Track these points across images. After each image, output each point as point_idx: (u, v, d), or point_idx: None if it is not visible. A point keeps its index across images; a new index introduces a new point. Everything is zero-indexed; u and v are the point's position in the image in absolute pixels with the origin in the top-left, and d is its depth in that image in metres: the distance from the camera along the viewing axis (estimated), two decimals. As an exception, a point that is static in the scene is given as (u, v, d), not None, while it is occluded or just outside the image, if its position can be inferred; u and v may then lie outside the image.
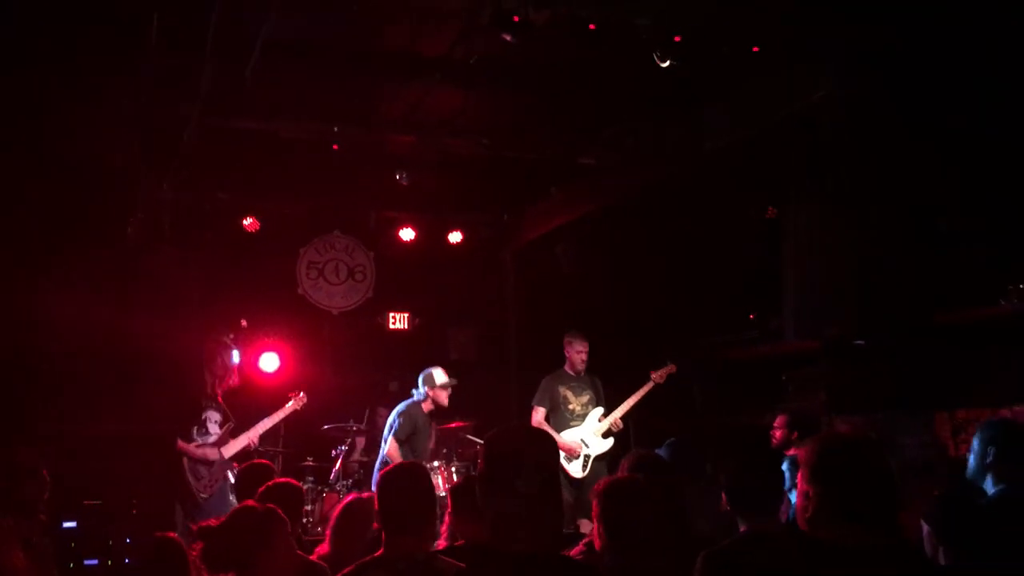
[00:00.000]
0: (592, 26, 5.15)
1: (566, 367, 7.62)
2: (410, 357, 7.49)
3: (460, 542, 3.74)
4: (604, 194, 8.33)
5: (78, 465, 5.75)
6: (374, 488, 3.79)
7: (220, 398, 6.57)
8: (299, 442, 8.02)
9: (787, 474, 3.73)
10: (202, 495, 6.20)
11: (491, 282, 10.24)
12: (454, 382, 7.39)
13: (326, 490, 7.75)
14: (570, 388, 7.55)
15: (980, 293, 5.84)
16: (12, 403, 5.85)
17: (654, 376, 7.55)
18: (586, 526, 6.50)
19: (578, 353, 7.56)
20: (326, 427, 7.98)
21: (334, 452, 8.03)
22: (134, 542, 5.54)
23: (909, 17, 5.16)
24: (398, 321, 9.79)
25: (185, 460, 6.25)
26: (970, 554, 3.29)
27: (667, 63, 5.22)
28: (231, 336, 7.00)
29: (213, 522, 3.07)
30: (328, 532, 4.11)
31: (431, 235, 9.71)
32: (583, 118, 7.09)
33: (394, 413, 7.24)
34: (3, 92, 5.60)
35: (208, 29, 5.24)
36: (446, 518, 4.07)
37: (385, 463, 6.81)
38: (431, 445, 7.46)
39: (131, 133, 6.50)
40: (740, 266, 7.70)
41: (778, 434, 6.06)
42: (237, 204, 8.84)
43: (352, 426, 8.09)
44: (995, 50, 5.08)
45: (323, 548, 4.11)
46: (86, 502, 5.72)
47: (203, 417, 6.41)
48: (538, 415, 7.42)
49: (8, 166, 5.94)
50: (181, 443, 6.23)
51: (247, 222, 8.80)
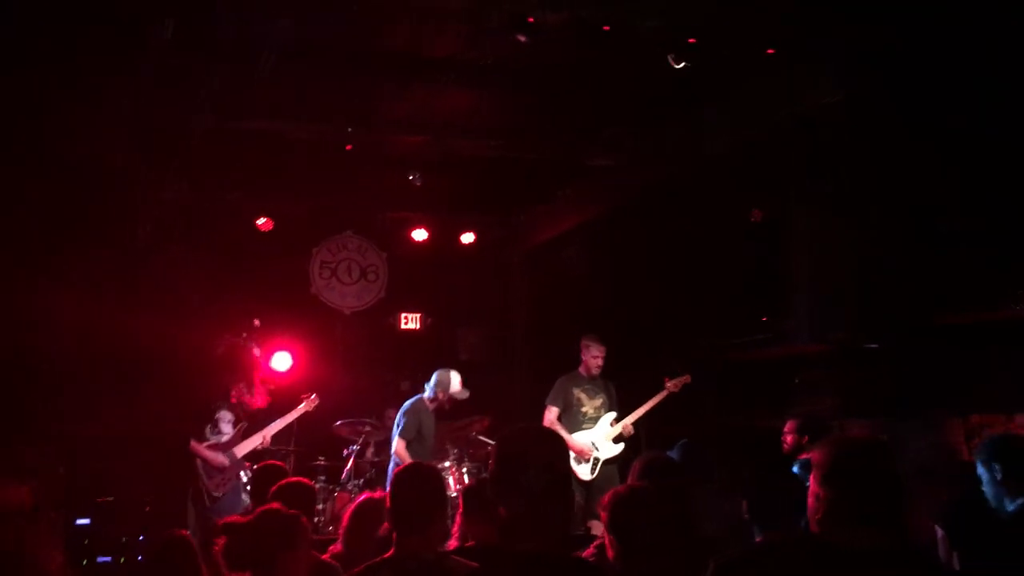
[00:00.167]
0: (606, 27, 5.15)
1: (580, 369, 7.58)
2: (421, 357, 7.50)
3: (471, 543, 3.75)
4: (612, 195, 8.33)
5: (91, 464, 5.80)
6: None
7: (233, 397, 6.60)
8: (311, 441, 8.03)
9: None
10: (215, 493, 6.22)
11: (500, 283, 10.26)
12: (466, 394, 7.29)
13: (338, 489, 7.74)
14: (584, 391, 7.52)
15: (988, 295, 5.81)
16: (25, 403, 5.89)
17: (669, 385, 7.45)
18: (597, 528, 6.48)
19: (594, 358, 7.51)
20: (338, 423, 7.97)
21: (346, 451, 8.03)
22: (146, 540, 5.58)
23: (909, 17, 5.13)
24: (410, 321, 9.80)
25: (198, 459, 6.27)
26: (984, 559, 3.29)
27: (681, 65, 5.22)
28: (244, 335, 7.04)
29: (239, 519, 3.08)
30: (341, 532, 4.12)
31: (443, 236, 9.72)
32: (591, 119, 7.08)
33: (400, 412, 7.22)
34: (6, 93, 5.63)
35: (219, 31, 5.26)
36: (457, 519, 4.07)
37: (396, 463, 6.81)
38: (435, 441, 7.41)
39: (135, 134, 6.53)
40: (749, 268, 7.66)
41: (789, 439, 6.03)
42: (249, 204, 8.87)
43: (364, 426, 8.10)
44: (995, 50, 5.05)
45: (336, 547, 4.13)
46: (99, 500, 5.76)
47: (216, 417, 6.43)
48: (551, 415, 7.38)
49: (12, 167, 5.97)
50: (194, 444, 6.25)
51: (261, 222, 8.84)
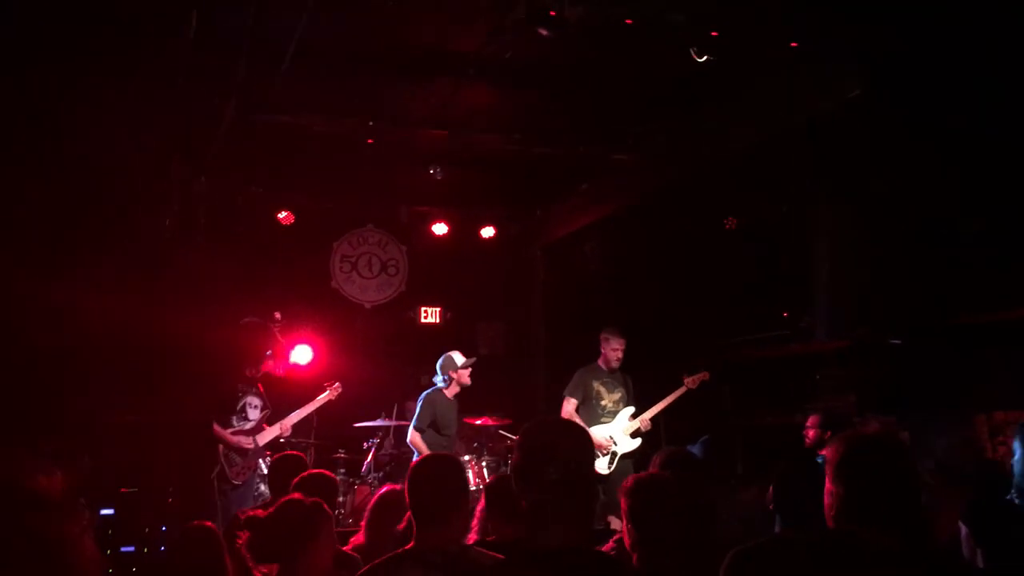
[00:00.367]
0: (629, 21, 5.13)
1: (599, 362, 7.58)
2: (441, 351, 7.48)
3: (491, 538, 3.76)
4: (632, 191, 8.31)
5: (115, 453, 5.85)
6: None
7: (260, 385, 6.62)
8: (331, 434, 8.07)
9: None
10: (235, 481, 6.24)
11: (520, 277, 10.26)
12: (473, 360, 7.38)
13: (358, 482, 7.78)
14: (603, 384, 7.52)
15: (1010, 293, 5.75)
16: (52, 393, 5.95)
17: (687, 381, 7.45)
18: (616, 523, 6.49)
19: (614, 351, 7.51)
20: (356, 426, 8.03)
21: (366, 444, 8.06)
22: (170, 530, 5.62)
23: (921, 18, 5.09)
24: (430, 315, 9.82)
25: (221, 446, 6.30)
26: (1009, 556, 3.26)
27: (704, 58, 5.20)
28: (273, 322, 7.07)
29: (260, 512, 3.09)
30: (363, 523, 4.15)
31: (463, 230, 9.75)
32: (612, 115, 7.07)
33: (417, 404, 7.32)
34: (33, 89, 5.68)
35: (243, 27, 5.29)
36: (476, 513, 4.08)
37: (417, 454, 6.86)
38: (457, 430, 7.44)
39: (165, 129, 6.59)
40: (768, 265, 7.63)
41: (811, 433, 6.04)
42: (271, 198, 8.93)
43: (383, 419, 8.13)
44: (1004, 50, 4.98)
45: (358, 539, 4.16)
46: (123, 490, 5.81)
47: (243, 402, 6.45)
48: (569, 406, 7.38)
49: (44, 162, 6.03)
50: (218, 429, 6.27)
51: (282, 215, 8.89)
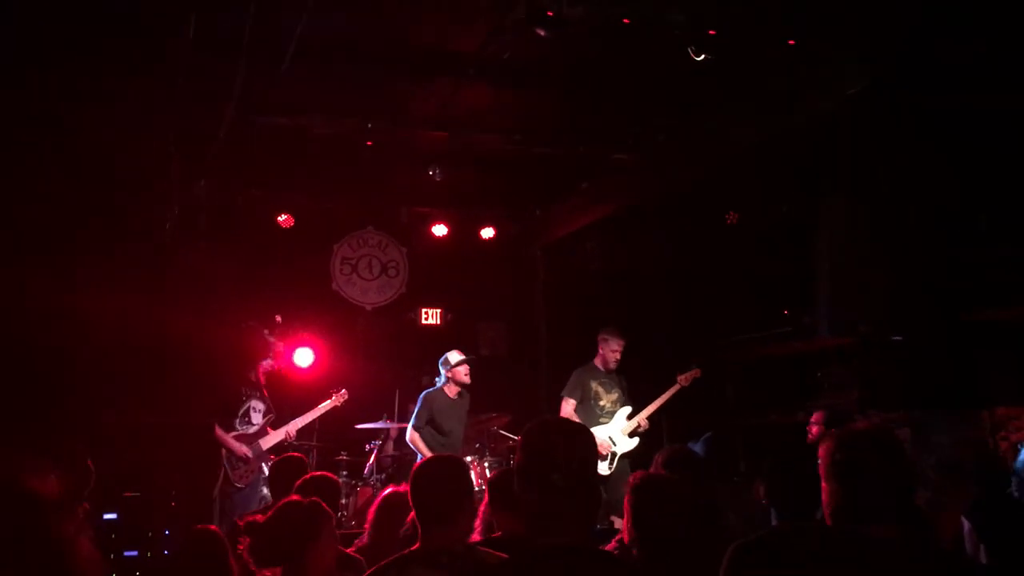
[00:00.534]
0: (626, 20, 5.13)
1: (596, 362, 7.58)
2: (442, 352, 7.48)
3: (497, 534, 3.76)
4: (633, 191, 8.30)
5: (118, 457, 5.84)
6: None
7: (264, 389, 6.62)
8: (333, 437, 8.07)
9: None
10: (237, 484, 6.24)
11: (521, 277, 10.25)
12: (467, 358, 7.36)
13: (360, 484, 7.78)
14: (601, 384, 7.52)
15: (1015, 290, 5.75)
16: (54, 395, 5.95)
17: (680, 379, 7.50)
18: (618, 522, 6.49)
19: (613, 352, 7.51)
20: (358, 427, 8.02)
21: (368, 446, 8.07)
22: (173, 534, 5.62)
23: (933, 15, 5.08)
24: (430, 317, 9.82)
25: (223, 449, 6.30)
26: (1012, 552, 3.26)
27: (701, 57, 5.20)
28: (267, 331, 7.06)
29: (260, 517, 3.09)
30: (367, 525, 4.15)
31: (463, 231, 9.74)
32: (613, 115, 7.06)
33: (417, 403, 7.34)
34: (35, 91, 5.69)
35: (242, 28, 5.29)
36: (479, 512, 4.08)
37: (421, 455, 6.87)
38: (463, 429, 7.41)
39: (165, 132, 6.59)
40: (769, 262, 7.63)
41: (814, 430, 6.04)
42: (271, 200, 8.92)
43: (385, 421, 8.13)
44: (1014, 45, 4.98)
45: (362, 541, 4.16)
46: (126, 494, 5.81)
47: (247, 406, 6.45)
48: (568, 406, 7.38)
49: (45, 164, 6.04)
50: (220, 432, 6.27)
51: (282, 218, 8.89)
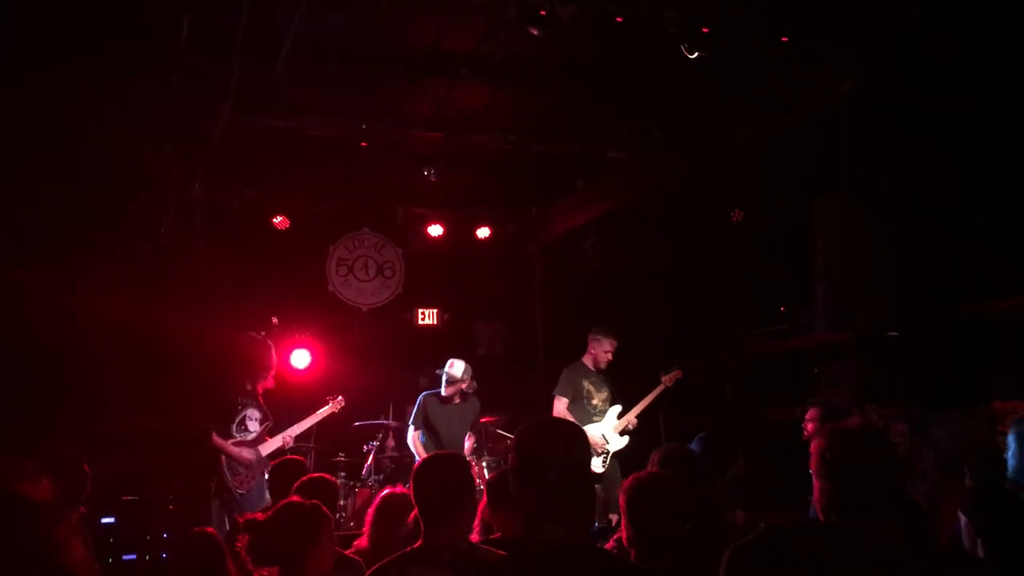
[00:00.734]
0: (619, 19, 5.13)
1: (586, 361, 7.57)
2: (439, 353, 7.49)
3: (496, 535, 3.76)
4: (629, 189, 8.29)
5: (115, 461, 5.83)
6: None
7: (260, 397, 6.61)
8: (331, 438, 8.06)
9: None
10: (239, 491, 6.23)
11: (518, 277, 10.25)
12: (459, 381, 7.22)
13: (358, 485, 7.77)
14: (592, 383, 7.52)
15: (1008, 284, 5.76)
16: (50, 398, 5.95)
17: (664, 379, 7.57)
18: (617, 520, 6.49)
19: (606, 352, 7.53)
20: (357, 424, 8.02)
21: (366, 448, 8.06)
22: (171, 537, 5.62)
23: (940, 13, 5.08)
24: (427, 317, 9.81)
25: (223, 456, 6.29)
26: (1009, 545, 3.27)
27: (695, 55, 5.20)
28: (263, 333, 7.05)
29: (260, 516, 3.09)
30: (366, 527, 4.15)
31: (459, 231, 9.73)
32: (609, 114, 7.06)
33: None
34: (34, 94, 5.68)
35: (236, 29, 5.29)
36: (478, 511, 4.08)
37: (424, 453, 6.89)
38: (462, 433, 7.38)
39: (161, 133, 6.58)
40: (769, 260, 7.64)
41: (810, 427, 6.05)
42: (266, 202, 8.91)
43: (383, 421, 8.13)
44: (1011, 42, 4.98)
45: (361, 542, 4.15)
46: (124, 497, 5.81)
47: (243, 415, 6.44)
48: (561, 405, 7.38)
49: (41, 167, 6.04)
50: (218, 440, 6.26)
51: (277, 220, 8.88)
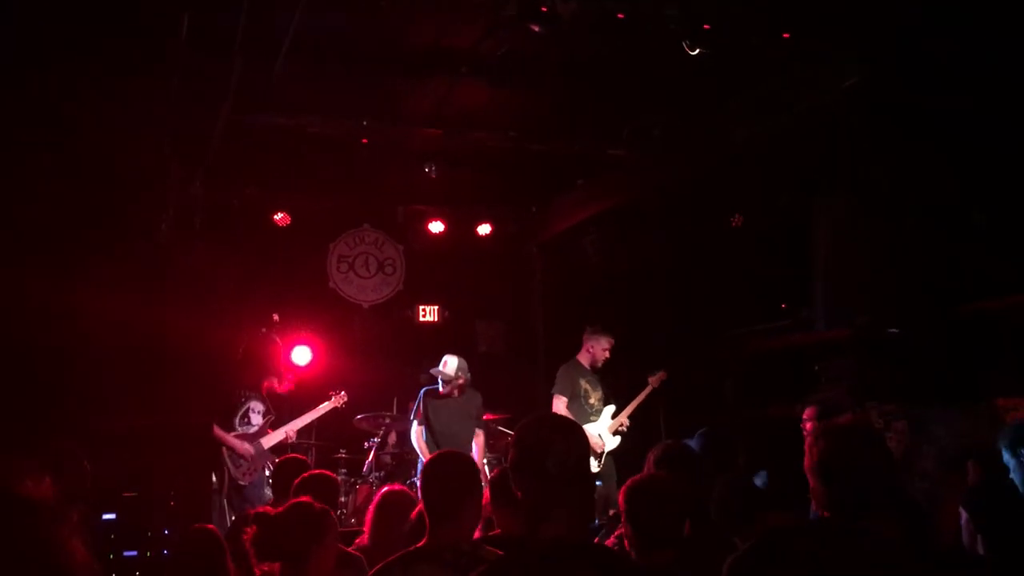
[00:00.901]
0: (620, 15, 5.13)
1: (582, 359, 7.55)
2: (440, 349, 7.48)
3: (495, 532, 3.77)
4: (630, 187, 8.29)
5: (116, 458, 5.84)
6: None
7: (265, 391, 6.63)
8: (332, 435, 8.07)
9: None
10: (241, 482, 6.27)
11: (518, 274, 10.25)
12: (454, 379, 7.20)
13: (359, 482, 7.79)
14: (588, 382, 7.50)
15: (1008, 281, 5.76)
16: (50, 398, 5.95)
17: (651, 380, 7.63)
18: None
19: (603, 351, 7.52)
20: (359, 417, 8.01)
21: (367, 444, 8.07)
22: (172, 534, 5.63)
23: (940, 12, 5.08)
24: (428, 314, 9.82)
25: (224, 448, 6.31)
26: (1009, 542, 3.27)
27: (696, 51, 5.19)
28: (264, 330, 7.07)
29: (271, 510, 3.12)
30: (367, 525, 4.16)
31: (460, 228, 9.73)
32: (609, 112, 7.05)
33: None
34: (34, 93, 5.68)
35: (236, 28, 5.29)
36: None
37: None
38: (461, 427, 7.34)
39: (161, 131, 6.58)
40: (770, 257, 7.65)
41: (808, 425, 6.04)
42: (267, 200, 8.91)
43: (384, 419, 8.14)
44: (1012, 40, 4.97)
45: (362, 539, 4.16)
46: (125, 494, 5.82)
47: (246, 408, 6.46)
48: (561, 404, 7.31)
49: (41, 166, 6.03)
50: (220, 432, 6.27)
51: (278, 217, 8.88)
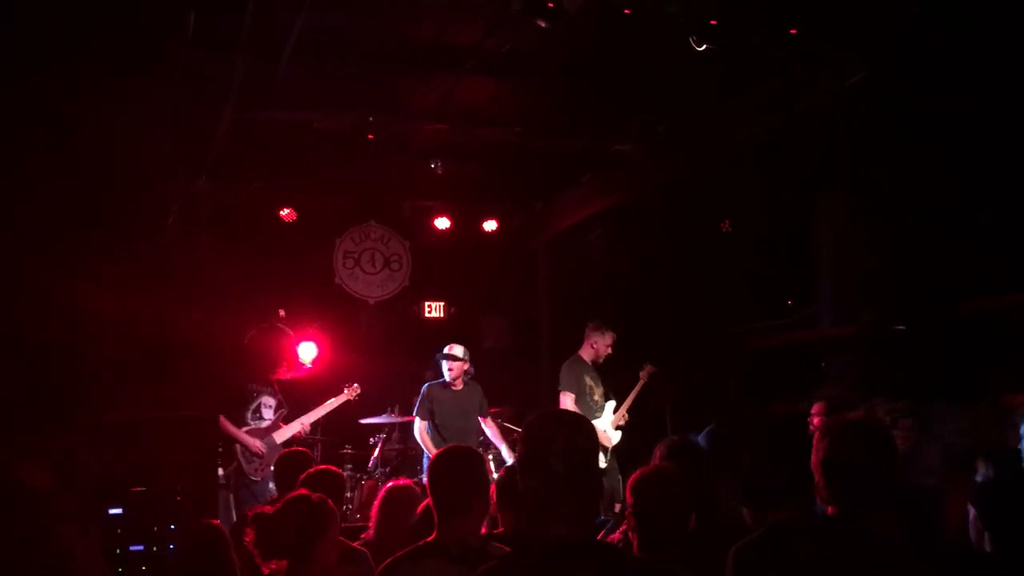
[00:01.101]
0: (627, 11, 5.12)
1: (584, 355, 7.54)
2: (445, 345, 7.49)
3: (499, 530, 3.78)
4: (635, 182, 8.29)
5: (123, 453, 5.86)
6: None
7: (276, 385, 6.64)
8: (337, 430, 8.09)
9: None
10: (253, 478, 6.27)
11: (523, 271, 10.25)
12: (452, 354, 7.23)
13: (364, 478, 7.81)
14: (592, 378, 7.50)
15: (1015, 278, 5.74)
16: (59, 394, 5.97)
17: (641, 375, 7.69)
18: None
19: (606, 347, 7.52)
20: (363, 421, 8.03)
21: (372, 440, 8.09)
22: (178, 528, 5.64)
23: (941, 12, 5.05)
24: (434, 310, 9.84)
25: (237, 444, 6.31)
26: (1016, 541, 3.26)
27: (703, 47, 5.18)
28: (274, 321, 7.08)
29: (268, 509, 3.09)
30: (372, 520, 4.17)
31: (466, 224, 9.74)
32: (614, 107, 7.04)
33: None
34: (36, 90, 5.69)
35: (240, 26, 5.29)
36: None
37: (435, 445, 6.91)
38: (464, 420, 7.31)
39: (163, 131, 6.58)
40: (773, 254, 7.63)
41: (816, 420, 6.03)
42: (273, 195, 8.92)
43: (389, 414, 8.15)
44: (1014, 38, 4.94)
45: (368, 535, 4.17)
46: (132, 489, 5.83)
47: (258, 402, 6.47)
48: (569, 400, 7.28)
49: (42, 166, 6.04)
50: (232, 428, 6.27)
51: (284, 213, 8.89)
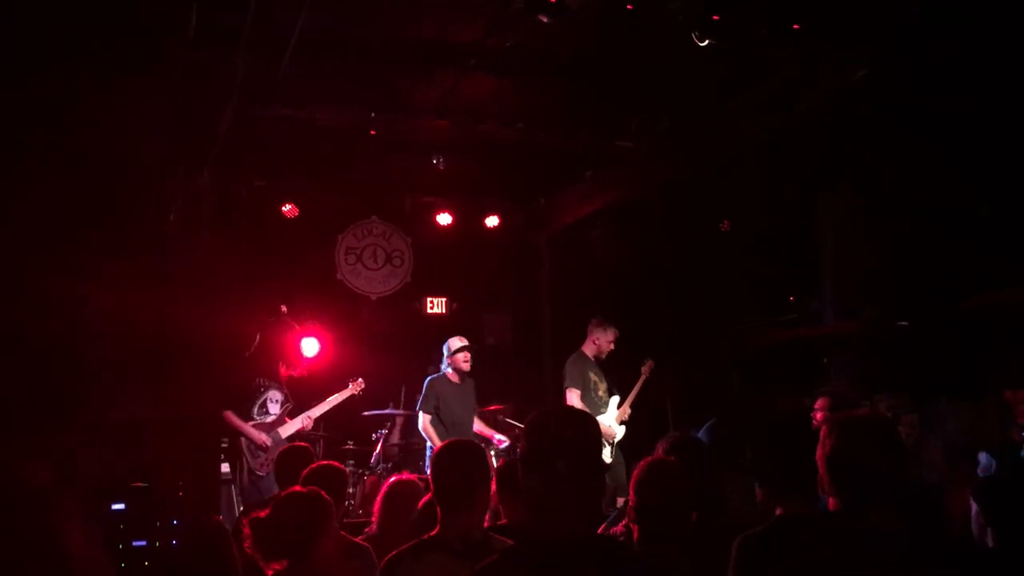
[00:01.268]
0: (630, 6, 5.11)
1: (587, 351, 7.55)
2: (448, 340, 7.50)
3: (503, 521, 3.78)
4: (637, 178, 8.28)
5: (126, 449, 5.88)
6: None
7: (283, 379, 6.64)
8: (339, 426, 8.10)
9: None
10: (258, 472, 6.27)
11: (526, 267, 10.25)
12: (471, 345, 7.34)
13: (367, 473, 7.82)
14: (595, 373, 7.52)
15: (1014, 279, 5.74)
16: (61, 390, 5.98)
17: (643, 370, 7.76)
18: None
19: (608, 343, 7.55)
20: (366, 414, 8.04)
21: (374, 435, 8.10)
22: (180, 524, 5.65)
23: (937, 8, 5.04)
24: (436, 306, 9.83)
25: (243, 439, 6.32)
26: (1019, 535, 3.25)
27: (705, 42, 5.17)
28: (279, 316, 7.09)
29: (262, 513, 3.08)
30: (375, 515, 4.17)
31: (468, 220, 9.74)
32: (616, 103, 7.04)
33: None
34: (38, 88, 5.69)
35: (242, 25, 5.28)
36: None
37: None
38: (469, 417, 7.37)
39: (166, 126, 6.58)
40: (775, 251, 7.64)
41: (819, 416, 6.02)
42: (275, 191, 8.92)
43: (391, 409, 8.16)
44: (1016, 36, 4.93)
45: (371, 530, 4.18)
46: (134, 484, 5.84)
47: (265, 397, 6.48)
48: (576, 397, 7.29)
49: (48, 160, 6.05)
50: (238, 421, 6.26)
51: (286, 208, 8.89)
